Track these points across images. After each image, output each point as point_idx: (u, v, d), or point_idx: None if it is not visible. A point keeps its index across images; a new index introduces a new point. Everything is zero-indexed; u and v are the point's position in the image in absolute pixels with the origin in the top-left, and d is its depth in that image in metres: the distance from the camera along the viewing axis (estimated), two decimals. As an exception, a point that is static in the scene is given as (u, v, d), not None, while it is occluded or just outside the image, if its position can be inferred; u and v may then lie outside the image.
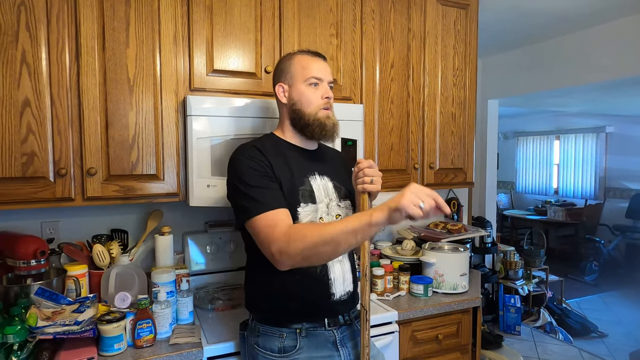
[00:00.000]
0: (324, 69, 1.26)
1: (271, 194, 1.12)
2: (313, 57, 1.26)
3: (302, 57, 1.26)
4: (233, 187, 1.16)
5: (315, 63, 1.25)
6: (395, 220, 0.96)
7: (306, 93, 1.24)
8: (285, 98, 1.27)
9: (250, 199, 1.11)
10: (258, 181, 1.13)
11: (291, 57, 1.28)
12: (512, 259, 3.74)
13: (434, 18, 2.05)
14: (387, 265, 1.90)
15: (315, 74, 1.24)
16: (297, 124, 1.25)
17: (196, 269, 1.84)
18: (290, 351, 1.17)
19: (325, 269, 1.21)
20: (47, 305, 1.37)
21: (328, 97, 1.25)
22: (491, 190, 3.76)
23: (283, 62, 1.29)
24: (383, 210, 0.96)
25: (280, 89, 1.27)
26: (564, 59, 3.07)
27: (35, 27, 1.34)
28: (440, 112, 2.10)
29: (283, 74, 1.27)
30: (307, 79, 1.23)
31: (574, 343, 3.51)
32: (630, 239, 5.69)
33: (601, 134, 6.25)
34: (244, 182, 1.13)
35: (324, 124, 1.23)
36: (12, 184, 1.33)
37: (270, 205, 1.09)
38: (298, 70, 1.24)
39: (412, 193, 0.94)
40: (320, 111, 1.24)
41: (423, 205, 0.92)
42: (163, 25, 1.52)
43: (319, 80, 1.24)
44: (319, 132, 1.24)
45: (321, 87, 1.25)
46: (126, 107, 1.47)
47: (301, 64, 1.24)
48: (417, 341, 1.75)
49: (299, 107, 1.24)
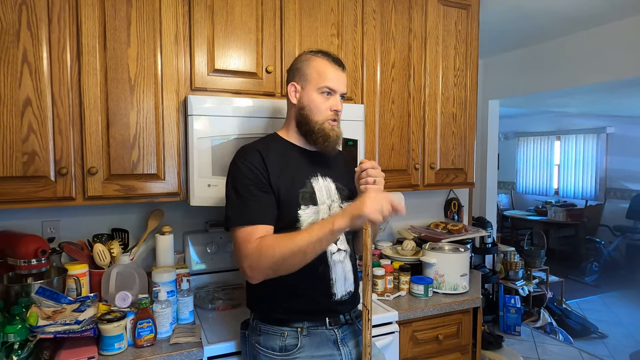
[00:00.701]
0: (340, 80, 1.24)
1: (257, 206, 1.13)
2: (332, 65, 1.23)
3: (321, 61, 1.23)
4: (226, 190, 1.19)
5: (332, 72, 1.22)
6: (356, 226, 1.06)
7: (316, 101, 1.22)
8: (295, 99, 1.26)
9: (234, 208, 1.14)
10: (248, 191, 1.14)
11: (310, 58, 1.24)
12: (512, 260, 3.74)
13: (435, 18, 2.05)
14: (387, 266, 1.91)
15: (330, 84, 1.22)
16: (302, 127, 1.25)
17: (197, 268, 1.84)
18: (292, 350, 1.17)
19: (327, 270, 1.21)
20: (48, 305, 1.37)
21: (337, 110, 1.24)
22: (492, 191, 3.77)
23: (301, 61, 1.26)
24: (344, 217, 1.04)
25: (292, 88, 1.26)
26: (565, 59, 3.07)
27: (37, 26, 1.34)
28: (441, 112, 2.10)
29: (298, 74, 1.25)
30: (321, 87, 1.22)
31: (574, 344, 3.51)
32: (631, 240, 5.69)
33: (602, 134, 6.24)
34: (235, 190, 1.15)
35: (328, 136, 1.23)
36: (13, 183, 1.33)
37: (250, 219, 1.12)
38: (313, 75, 1.22)
39: (373, 200, 1.02)
40: (327, 122, 1.23)
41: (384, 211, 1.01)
42: (164, 24, 1.52)
43: (332, 91, 1.23)
44: (322, 142, 1.23)
45: (333, 98, 1.24)
46: (127, 107, 1.48)
47: (318, 70, 1.22)
48: (418, 341, 1.75)
49: (306, 113, 1.23)
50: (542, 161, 7.21)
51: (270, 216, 1.15)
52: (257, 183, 1.15)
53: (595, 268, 5.23)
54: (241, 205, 1.13)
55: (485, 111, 3.68)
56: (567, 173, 6.77)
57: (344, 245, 1.26)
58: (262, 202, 1.14)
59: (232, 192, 1.16)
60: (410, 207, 2.34)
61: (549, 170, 7.10)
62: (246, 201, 1.13)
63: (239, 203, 1.14)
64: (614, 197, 6.15)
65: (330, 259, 1.22)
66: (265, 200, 1.15)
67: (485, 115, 3.68)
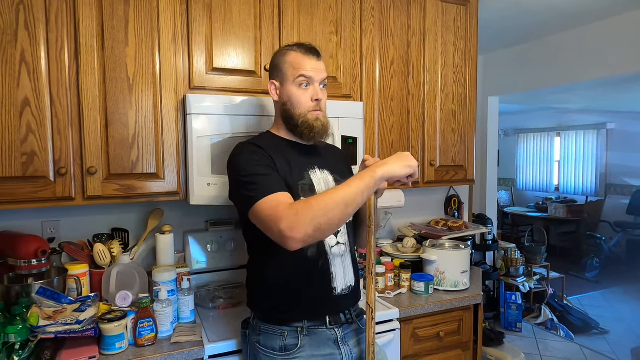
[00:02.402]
0: (315, 68, 1.22)
1: (272, 179, 1.11)
2: (305, 55, 1.22)
3: (295, 54, 1.22)
4: (234, 181, 1.16)
5: (307, 61, 1.21)
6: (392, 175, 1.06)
7: (296, 94, 1.22)
8: (277, 96, 1.27)
9: (251, 186, 1.09)
10: (259, 169, 1.12)
11: (285, 52, 1.24)
12: (513, 256, 3.74)
13: (433, 15, 2.04)
14: (388, 263, 1.90)
15: (306, 72, 1.21)
16: (288, 123, 1.25)
17: (197, 267, 1.84)
18: (292, 350, 1.17)
19: (327, 264, 1.21)
20: (49, 305, 1.37)
21: (318, 100, 1.23)
22: (492, 188, 3.76)
23: (277, 57, 1.26)
24: (378, 168, 1.05)
25: (272, 86, 1.27)
26: (565, 55, 3.06)
27: (34, 26, 1.33)
28: (441, 109, 2.09)
29: (276, 71, 1.26)
30: (297, 78, 1.21)
31: (575, 340, 3.51)
32: (632, 236, 5.69)
33: (602, 130, 6.24)
34: (245, 172, 1.12)
35: (312, 126, 1.22)
36: (12, 184, 1.33)
37: (271, 189, 1.07)
38: (289, 70, 1.22)
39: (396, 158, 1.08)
40: (310, 113, 1.22)
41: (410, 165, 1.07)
42: (162, 23, 1.51)
43: (310, 80, 1.22)
44: (308, 133, 1.23)
45: (312, 88, 1.23)
46: (126, 106, 1.47)
47: (292, 63, 1.22)
48: (419, 338, 1.75)
49: (289, 108, 1.23)
50: (542, 158, 7.21)
51: (286, 188, 1.11)
52: (264, 162, 1.14)
53: (596, 264, 5.23)
54: (257, 182, 1.09)
55: (485, 108, 3.67)
56: (568, 169, 6.77)
57: (344, 239, 1.26)
58: (276, 177, 1.12)
59: (242, 176, 1.12)
60: (410, 204, 2.35)
61: (549, 167, 7.10)
62: (260, 177, 1.10)
63: (254, 182, 1.09)
64: (614, 193, 6.15)
65: (330, 252, 1.21)
66: (277, 175, 1.13)
67: (485, 112, 3.68)
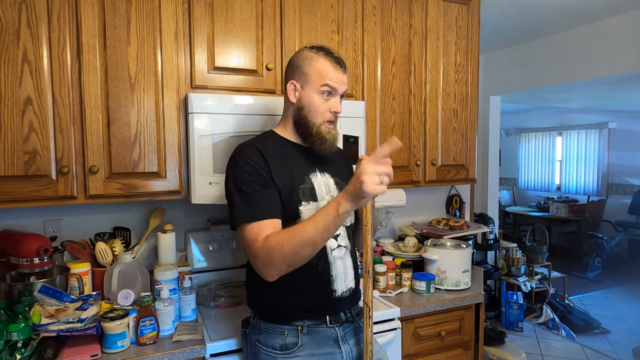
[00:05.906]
0: (341, 80, 1.21)
1: (261, 201, 1.12)
2: (334, 66, 1.20)
3: (324, 62, 1.19)
4: (227, 189, 1.18)
5: (335, 72, 1.20)
6: (360, 206, 1.00)
7: (316, 102, 1.20)
8: (295, 98, 1.23)
9: (239, 206, 1.12)
10: (250, 187, 1.12)
11: (312, 57, 1.20)
12: (514, 256, 3.73)
13: (435, 14, 2.04)
14: (389, 262, 1.90)
15: (332, 83, 1.19)
16: (300, 127, 1.24)
17: (199, 266, 1.84)
18: (292, 348, 1.17)
19: (327, 266, 1.21)
20: (51, 303, 1.37)
21: (336, 112, 1.23)
22: (493, 187, 3.76)
23: (301, 59, 1.22)
24: (347, 199, 0.98)
25: (292, 86, 1.23)
26: (567, 54, 3.05)
27: (37, 25, 1.34)
28: (442, 108, 2.09)
29: (298, 72, 1.22)
30: (322, 86, 1.19)
31: (576, 339, 3.51)
32: (633, 235, 5.68)
33: (604, 129, 6.22)
34: (237, 187, 1.14)
35: (325, 139, 1.21)
36: (14, 183, 1.33)
37: (256, 216, 1.10)
38: (314, 76, 1.19)
39: (369, 175, 0.94)
40: (324, 124, 1.21)
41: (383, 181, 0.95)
42: (164, 22, 1.51)
43: (333, 91, 1.21)
44: (319, 144, 1.22)
45: (333, 99, 1.22)
46: (128, 105, 1.47)
47: (319, 70, 1.19)
48: (420, 338, 1.75)
49: (305, 113, 1.21)
50: (543, 157, 7.20)
51: (275, 209, 1.13)
52: (258, 178, 1.14)
53: (597, 263, 5.22)
54: (245, 202, 1.12)
55: (487, 107, 3.67)
56: (569, 169, 6.76)
57: (344, 242, 1.26)
58: (266, 197, 1.13)
59: (234, 190, 1.14)
60: (411, 203, 2.35)
61: (550, 166, 7.09)
62: (250, 197, 1.12)
63: (243, 201, 1.12)
64: (616, 193, 6.14)
65: (331, 255, 1.21)
66: (268, 194, 1.14)
67: (487, 111, 3.67)
